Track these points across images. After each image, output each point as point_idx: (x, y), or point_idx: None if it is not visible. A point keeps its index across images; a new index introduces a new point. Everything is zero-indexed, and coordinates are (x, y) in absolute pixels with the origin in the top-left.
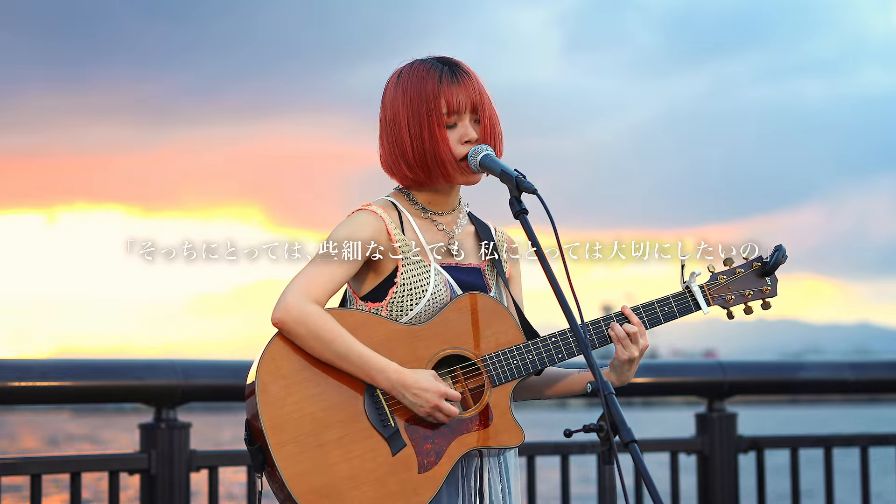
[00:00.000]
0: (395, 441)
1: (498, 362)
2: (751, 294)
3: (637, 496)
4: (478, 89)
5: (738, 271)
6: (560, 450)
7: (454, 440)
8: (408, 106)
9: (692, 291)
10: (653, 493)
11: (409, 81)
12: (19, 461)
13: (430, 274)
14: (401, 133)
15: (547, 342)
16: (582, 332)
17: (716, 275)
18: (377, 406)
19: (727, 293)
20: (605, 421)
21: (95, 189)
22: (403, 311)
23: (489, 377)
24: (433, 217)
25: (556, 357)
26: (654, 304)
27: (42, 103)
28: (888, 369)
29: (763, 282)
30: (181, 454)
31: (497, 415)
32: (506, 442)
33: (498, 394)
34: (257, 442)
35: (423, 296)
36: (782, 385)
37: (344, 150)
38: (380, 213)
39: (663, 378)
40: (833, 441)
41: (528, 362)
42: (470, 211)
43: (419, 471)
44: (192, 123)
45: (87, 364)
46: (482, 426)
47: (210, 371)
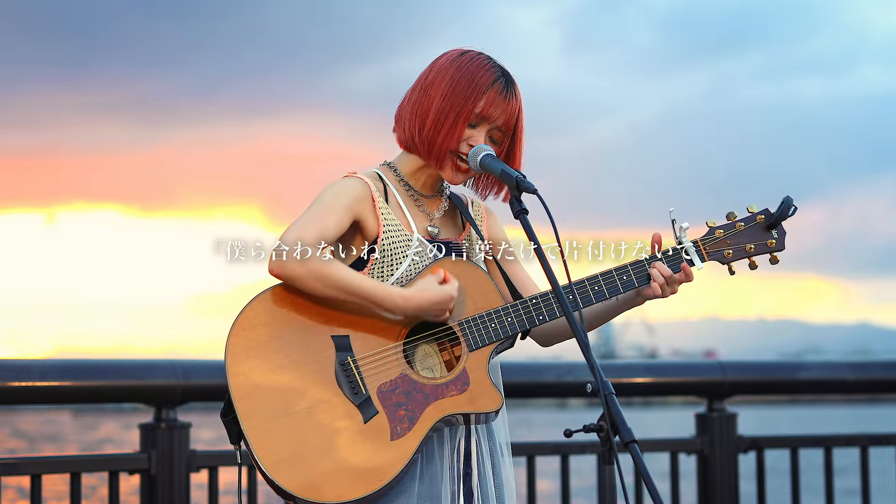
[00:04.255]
0: (367, 408)
1: (475, 325)
2: (753, 248)
3: (637, 496)
4: (516, 113)
5: (739, 225)
6: (560, 450)
7: (429, 406)
8: (454, 83)
9: (684, 247)
10: (653, 493)
11: (468, 63)
12: (19, 461)
13: (413, 241)
14: (433, 100)
15: (527, 304)
16: (585, 342)
17: (713, 229)
18: (348, 374)
19: (725, 247)
20: (605, 421)
21: (95, 188)
22: (384, 277)
23: (465, 341)
24: (417, 197)
25: (536, 318)
26: (642, 262)
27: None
28: (888, 369)
29: (768, 234)
30: (181, 454)
31: (474, 379)
32: (483, 406)
33: (475, 358)
34: (231, 413)
35: (404, 261)
36: (782, 385)
37: (344, 150)
38: (366, 180)
39: (663, 378)
40: (833, 441)
41: (507, 325)
42: (452, 192)
43: (392, 437)
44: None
45: (87, 364)
46: (458, 391)
47: (210, 371)
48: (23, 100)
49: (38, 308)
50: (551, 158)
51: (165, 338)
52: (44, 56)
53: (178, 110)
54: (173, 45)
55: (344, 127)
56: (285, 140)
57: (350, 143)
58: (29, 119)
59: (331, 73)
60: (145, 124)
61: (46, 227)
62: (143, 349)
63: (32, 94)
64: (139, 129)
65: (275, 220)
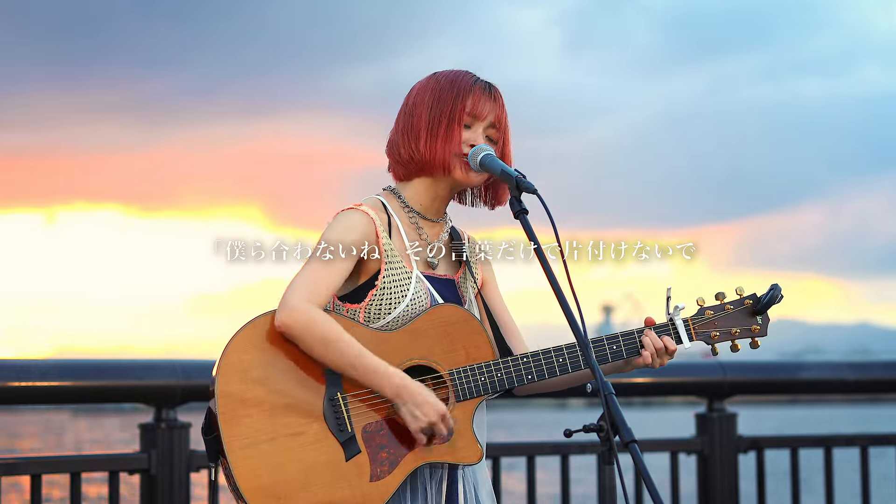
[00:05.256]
0: (350, 446)
1: (465, 377)
2: (738, 332)
3: (637, 496)
4: (503, 110)
5: (728, 307)
6: (560, 450)
7: (410, 452)
8: (437, 93)
9: (675, 324)
10: (653, 493)
11: (444, 75)
12: (19, 461)
13: (412, 280)
14: (420, 116)
15: (518, 361)
16: (585, 342)
17: (703, 309)
18: (336, 410)
19: (712, 329)
20: (605, 421)
21: (94, 188)
22: (381, 314)
23: (454, 391)
24: (420, 223)
25: (525, 377)
26: (633, 332)
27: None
28: (888, 369)
29: (753, 320)
30: (181, 454)
31: (457, 430)
32: (462, 458)
33: (461, 409)
34: (213, 432)
35: (402, 301)
36: (782, 385)
37: (344, 150)
38: (371, 214)
39: (663, 378)
40: (833, 441)
41: (496, 381)
42: (453, 226)
43: (371, 479)
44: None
45: (87, 364)
46: (441, 440)
47: (210, 371)
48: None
49: (38, 308)
50: (551, 158)
51: (165, 338)
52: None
53: (178, 110)
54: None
55: (344, 127)
56: (285, 140)
57: (350, 143)
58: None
59: (331, 73)
60: (145, 124)
61: (46, 227)
62: (143, 349)
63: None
64: (139, 129)
65: (275, 220)
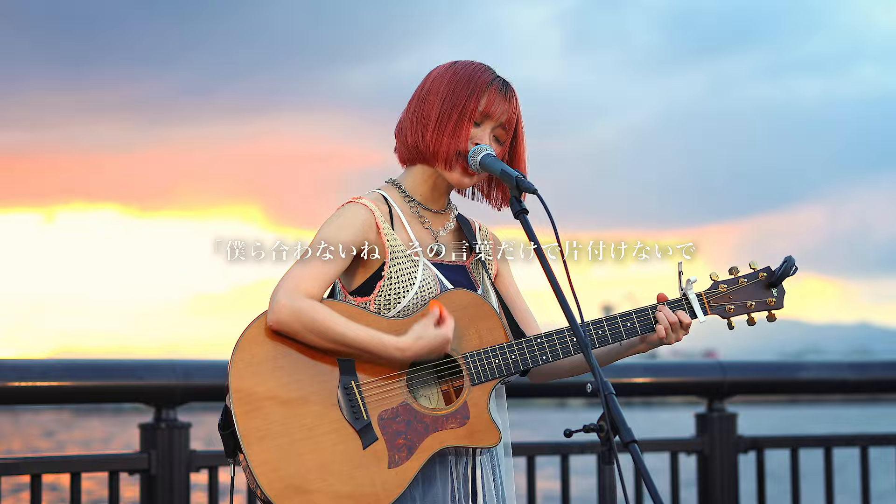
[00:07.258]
0: (367, 434)
1: (479, 360)
2: (754, 305)
3: (637, 496)
4: (516, 111)
5: (742, 281)
6: (560, 450)
7: (428, 436)
8: (453, 86)
9: (688, 298)
10: (653, 493)
11: (464, 67)
12: (19, 461)
13: (419, 268)
14: (433, 105)
15: (532, 343)
16: (582, 331)
17: (717, 283)
18: (350, 398)
19: (727, 302)
20: (605, 421)
21: (93, 188)
22: (391, 305)
23: (469, 375)
24: (422, 213)
25: (539, 358)
26: (646, 309)
27: (40, 102)
28: (888, 369)
29: (769, 293)
30: (181, 454)
31: (474, 414)
32: (481, 441)
33: (477, 392)
34: (230, 427)
35: (411, 289)
36: (782, 385)
37: (343, 150)
38: (370, 206)
39: (663, 378)
40: (833, 441)
41: (511, 362)
42: (460, 213)
43: (389, 465)
44: (191, 123)
45: (87, 364)
46: (458, 424)
47: (210, 371)
48: (21, 98)
49: (38, 308)
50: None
51: (165, 338)
52: (43, 56)
53: (177, 110)
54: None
55: (343, 127)
56: (285, 140)
57: (349, 142)
58: (27, 117)
59: (330, 73)
60: (144, 124)
61: (45, 226)
62: (143, 349)
63: (32, 94)
64: (138, 128)
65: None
